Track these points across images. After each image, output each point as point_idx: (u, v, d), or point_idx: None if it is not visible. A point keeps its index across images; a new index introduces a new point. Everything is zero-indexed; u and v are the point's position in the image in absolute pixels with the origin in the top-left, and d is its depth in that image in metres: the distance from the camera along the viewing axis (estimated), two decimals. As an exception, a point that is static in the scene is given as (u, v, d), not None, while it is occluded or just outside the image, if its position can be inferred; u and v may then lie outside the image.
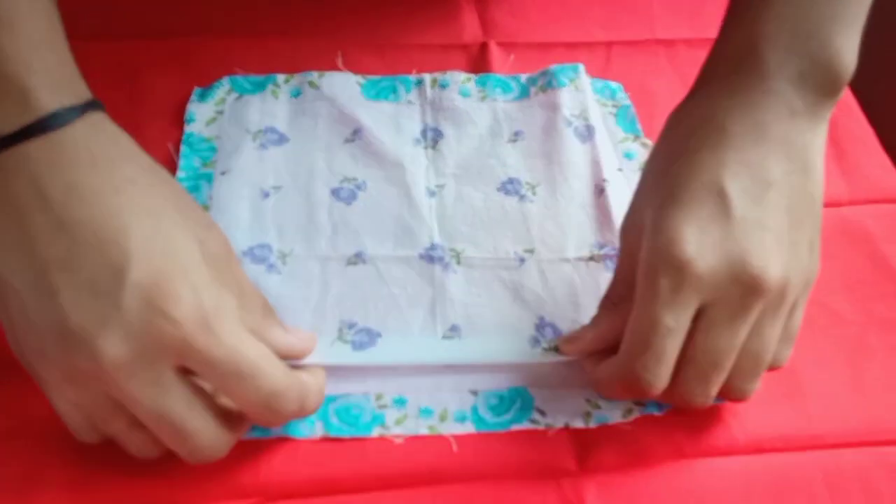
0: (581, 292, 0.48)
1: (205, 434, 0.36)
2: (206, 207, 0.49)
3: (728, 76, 0.42)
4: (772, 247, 0.39)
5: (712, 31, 0.64)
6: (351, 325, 0.46)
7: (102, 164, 0.36)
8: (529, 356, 0.45)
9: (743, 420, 0.44)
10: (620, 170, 0.54)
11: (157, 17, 0.61)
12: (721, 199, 0.39)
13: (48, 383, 0.36)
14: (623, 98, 0.59)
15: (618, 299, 0.44)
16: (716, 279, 0.38)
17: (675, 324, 0.38)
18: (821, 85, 0.41)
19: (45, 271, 0.34)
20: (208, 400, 0.37)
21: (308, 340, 0.41)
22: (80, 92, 0.37)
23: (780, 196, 0.40)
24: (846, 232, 0.52)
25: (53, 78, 0.36)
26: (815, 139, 0.42)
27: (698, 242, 0.38)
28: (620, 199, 0.52)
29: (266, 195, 0.51)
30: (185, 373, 0.36)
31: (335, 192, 0.51)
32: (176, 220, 0.37)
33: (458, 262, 0.49)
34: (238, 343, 0.36)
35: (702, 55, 0.62)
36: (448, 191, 0.52)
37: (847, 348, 0.48)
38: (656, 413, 0.44)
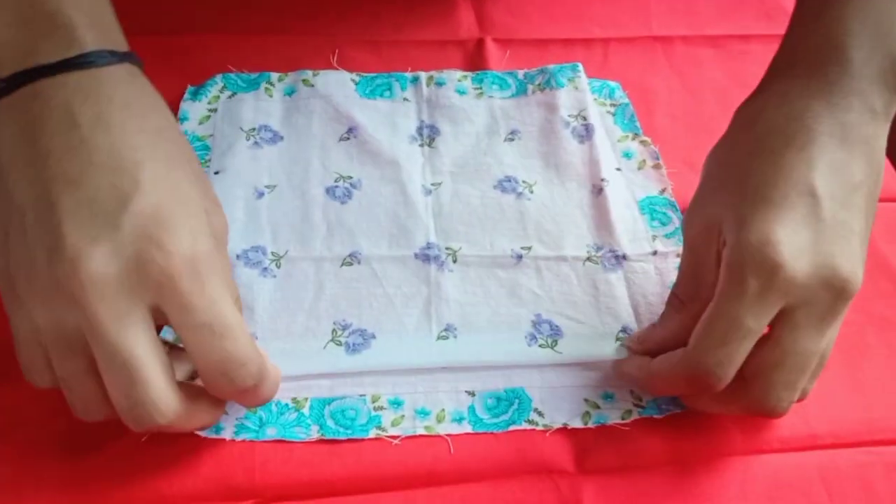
0: (578, 291, 0.48)
1: (155, 387, 0.34)
2: None
3: (810, 73, 0.41)
4: (857, 251, 0.39)
5: (708, 28, 0.64)
6: (345, 327, 0.46)
7: (134, 107, 0.37)
8: (526, 355, 0.45)
9: (740, 421, 0.44)
10: (619, 169, 0.54)
11: (151, 15, 0.60)
12: (812, 200, 0.38)
13: (20, 303, 0.35)
14: (621, 97, 0.59)
15: (686, 297, 0.43)
16: (806, 283, 0.37)
17: (756, 326, 0.38)
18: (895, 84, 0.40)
19: (51, 186, 0.34)
20: (166, 359, 0.35)
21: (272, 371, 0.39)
22: (120, 42, 0.39)
23: (862, 199, 0.39)
24: (844, 230, 0.52)
25: (98, 23, 0.38)
26: (884, 140, 0.41)
27: (791, 245, 0.37)
28: (619, 199, 0.52)
29: (260, 195, 0.50)
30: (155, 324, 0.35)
31: (330, 191, 0.51)
32: (190, 177, 0.38)
33: (455, 261, 0.49)
34: (219, 298, 0.35)
35: (698, 52, 0.63)
36: (444, 189, 0.52)
37: (845, 347, 0.47)
38: (655, 415, 0.44)
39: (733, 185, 0.41)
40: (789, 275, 0.37)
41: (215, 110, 0.55)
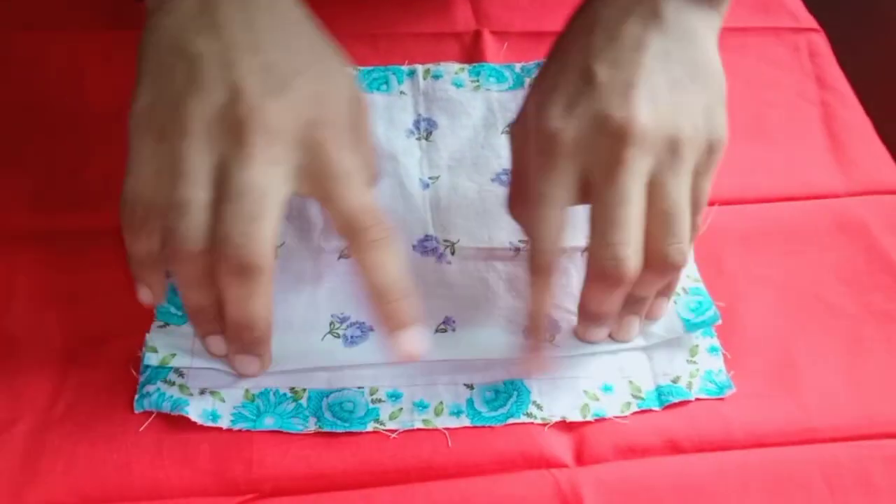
0: (577, 283, 0.47)
1: (268, 229, 0.37)
2: None
3: None
4: (639, 100, 0.39)
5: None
6: (343, 319, 0.45)
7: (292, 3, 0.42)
8: (524, 349, 0.45)
9: (740, 414, 0.44)
10: None
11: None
12: (586, 73, 0.40)
13: (157, 138, 0.38)
14: None
15: (522, 198, 0.44)
16: (585, 141, 0.39)
17: (554, 191, 0.40)
18: None
19: (231, 48, 0.38)
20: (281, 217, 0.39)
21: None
22: None
23: (653, 59, 0.41)
24: (843, 224, 0.52)
25: None
26: (695, 20, 0.43)
27: (564, 115, 0.40)
28: None
29: None
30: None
31: None
32: (339, 67, 0.42)
33: (453, 253, 0.48)
34: (353, 169, 0.39)
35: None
36: (442, 182, 0.52)
37: (844, 341, 0.47)
38: (655, 408, 0.44)
39: (533, 86, 0.44)
40: (565, 138, 0.39)
41: None
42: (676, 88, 0.41)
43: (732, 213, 0.52)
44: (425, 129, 0.54)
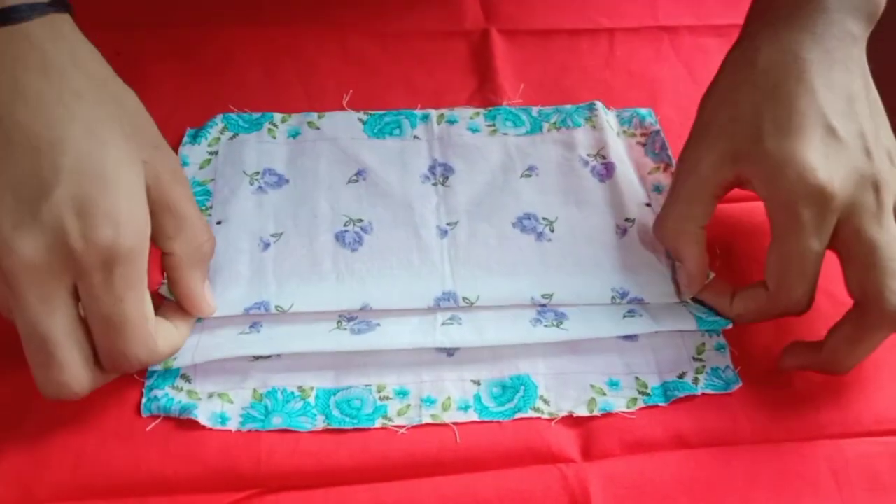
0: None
1: (70, 370, 0.37)
2: None
3: (791, 13, 0.45)
4: (871, 148, 0.43)
5: (715, 18, 0.64)
6: (350, 318, 0.46)
7: (53, 69, 0.36)
8: (531, 335, 0.45)
9: (747, 409, 0.44)
10: (649, 205, 0.52)
11: (157, 8, 0.60)
12: (824, 122, 0.42)
13: None
14: (652, 123, 0.56)
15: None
16: (846, 192, 0.41)
17: (821, 247, 0.42)
18: (867, 13, 0.45)
19: None
20: (83, 338, 0.37)
21: (209, 307, 0.43)
22: None
23: (862, 106, 0.44)
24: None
25: None
26: (864, 55, 0.46)
27: (825, 166, 0.41)
28: (646, 240, 0.50)
29: (266, 245, 0.48)
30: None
31: (339, 237, 0.49)
32: (118, 141, 0.37)
33: (471, 309, 0.47)
34: (125, 295, 0.37)
35: (705, 42, 0.62)
36: (461, 228, 0.50)
37: (852, 337, 0.47)
38: (661, 403, 0.44)
39: (745, 121, 0.44)
40: (834, 191, 0.41)
41: (216, 153, 0.53)
42: (877, 132, 0.44)
43: (740, 209, 0.51)
44: (441, 173, 0.52)
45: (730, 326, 0.46)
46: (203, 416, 0.42)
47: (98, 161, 0.36)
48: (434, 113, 0.55)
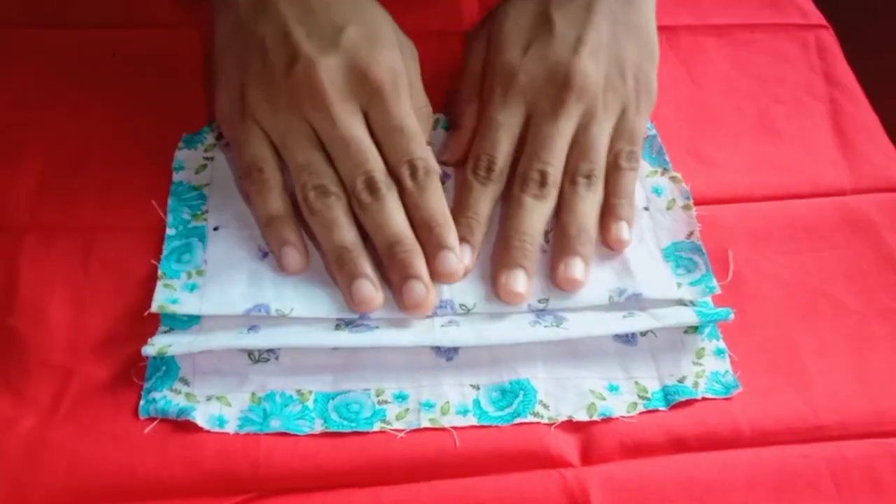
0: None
1: (378, 164, 0.45)
2: (200, 273, 0.46)
3: None
4: (585, 55, 0.49)
5: (714, 18, 0.64)
6: (349, 322, 0.45)
7: None
8: (530, 334, 0.45)
9: (747, 412, 0.44)
10: (647, 208, 0.51)
11: (155, 8, 0.60)
12: (546, 20, 0.50)
13: (254, 116, 0.46)
14: (649, 128, 0.55)
15: (469, 98, 0.52)
16: (536, 82, 0.49)
17: (508, 120, 0.49)
18: None
19: (285, 22, 0.47)
20: None
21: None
22: None
23: (600, 19, 0.50)
24: (850, 221, 0.52)
25: None
26: None
27: (521, 55, 0.50)
28: (642, 246, 0.49)
29: (265, 254, 0.47)
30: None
31: None
32: (382, 16, 0.50)
33: (467, 315, 0.46)
34: (410, 110, 0.47)
35: (704, 41, 0.63)
36: None
37: (851, 338, 0.47)
38: (661, 407, 0.44)
39: (496, 15, 0.53)
40: (522, 79, 0.49)
41: (212, 158, 0.52)
42: (614, 46, 0.50)
43: (739, 210, 0.51)
44: (440, 179, 0.51)
45: (731, 318, 0.46)
46: (201, 418, 0.42)
47: (372, 18, 0.49)
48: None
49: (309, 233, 0.47)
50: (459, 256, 0.45)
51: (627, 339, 0.46)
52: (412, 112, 0.47)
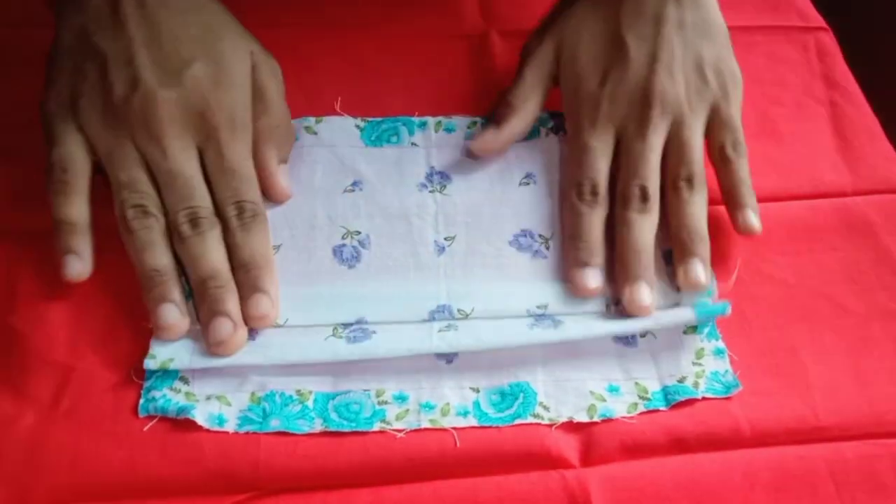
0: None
1: (205, 199, 0.45)
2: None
3: None
4: (661, 70, 0.49)
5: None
6: (345, 325, 0.45)
7: None
8: (528, 336, 0.45)
9: (747, 412, 0.44)
10: None
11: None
12: (619, 43, 0.51)
13: (76, 127, 0.45)
14: None
15: (520, 102, 0.52)
16: (619, 104, 0.49)
17: (599, 145, 0.49)
18: None
19: (130, 44, 0.46)
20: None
21: (285, 194, 0.50)
22: None
23: (669, 29, 0.51)
24: (850, 223, 0.52)
25: None
26: None
27: (602, 81, 0.50)
28: None
29: None
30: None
31: (337, 252, 0.48)
32: (233, 44, 0.49)
33: (466, 319, 0.47)
34: (245, 152, 0.47)
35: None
36: (458, 244, 0.49)
37: (851, 339, 0.47)
38: (661, 408, 0.44)
39: (564, 34, 0.53)
40: (602, 102, 0.50)
41: None
42: (689, 50, 0.50)
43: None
44: (439, 181, 0.52)
45: (728, 311, 0.45)
46: (200, 416, 0.42)
47: (220, 52, 0.47)
48: (431, 120, 0.55)
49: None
50: (273, 301, 0.45)
51: (627, 340, 0.46)
52: (249, 156, 0.47)
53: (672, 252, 0.48)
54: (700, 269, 0.46)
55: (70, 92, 0.46)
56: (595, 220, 0.48)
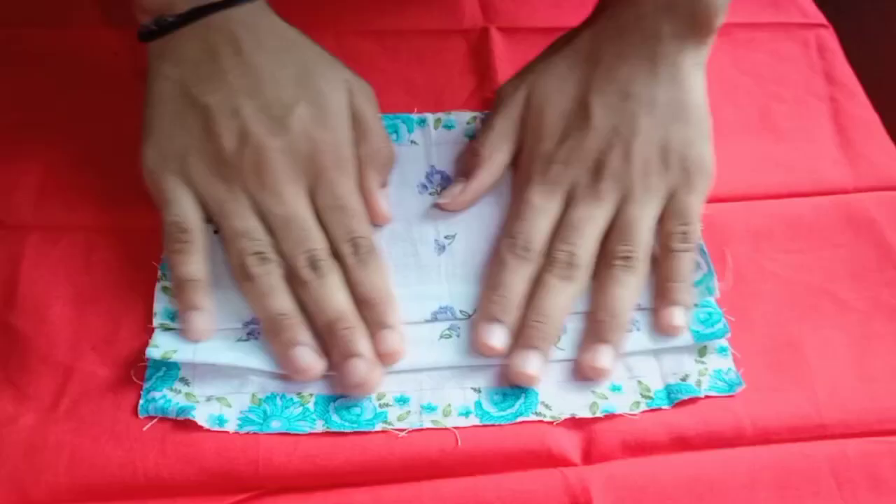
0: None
1: (320, 243, 0.45)
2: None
3: (607, 6, 0.52)
4: (618, 146, 0.48)
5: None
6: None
7: (277, 29, 0.49)
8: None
9: (749, 410, 0.44)
10: None
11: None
12: (583, 108, 0.49)
13: (185, 182, 0.46)
14: None
15: (489, 152, 0.50)
16: (573, 169, 0.48)
17: (545, 205, 0.48)
18: (686, 14, 0.49)
19: (234, 95, 0.46)
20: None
21: (387, 216, 0.49)
22: None
23: (637, 106, 0.48)
24: (851, 219, 0.52)
25: None
26: (682, 58, 0.49)
27: (560, 143, 0.49)
28: None
29: None
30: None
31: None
32: (328, 78, 0.48)
33: (468, 320, 0.46)
34: (354, 188, 0.47)
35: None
36: (458, 243, 0.49)
37: (853, 336, 0.47)
38: (665, 405, 0.44)
39: (532, 95, 0.51)
40: (555, 164, 0.48)
41: None
42: (656, 131, 0.48)
43: (740, 209, 0.51)
44: (440, 182, 0.52)
45: (727, 336, 0.46)
46: (201, 417, 0.42)
47: (318, 90, 0.47)
48: (431, 117, 0.54)
49: None
50: (401, 335, 0.44)
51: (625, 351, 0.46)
52: (356, 190, 0.47)
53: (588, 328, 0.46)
54: (607, 357, 0.44)
55: (174, 146, 0.46)
56: (519, 276, 0.46)
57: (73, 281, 0.46)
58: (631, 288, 0.46)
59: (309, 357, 0.42)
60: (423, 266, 0.48)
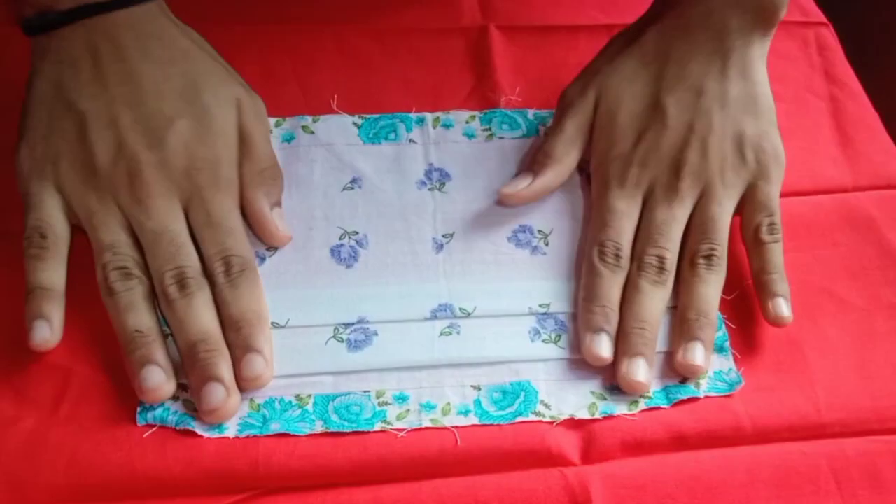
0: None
1: (192, 258, 0.44)
2: None
3: (672, 4, 0.51)
4: (696, 143, 0.48)
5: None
6: (347, 325, 0.45)
7: (166, 37, 0.47)
8: (528, 350, 0.45)
9: (749, 409, 0.44)
10: None
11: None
12: (658, 110, 0.49)
13: (51, 188, 0.44)
14: None
15: (558, 156, 0.50)
16: (651, 172, 0.48)
17: (626, 208, 0.48)
18: (753, 8, 0.49)
19: (112, 103, 0.45)
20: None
21: (283, 237, 0.48)
22: None
23: (711, 101, 0.49)
24: (851, 218, 0.52)
25: None
26: (750, 52, 0.50)
27: (636, 143, 0.49)
28: None
29: (262, 260, 0.47)
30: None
31: (335, 252, 0.48)
32: (216, 91, 0.47)
33: (468, 318, 0.46)
34: (231, 208, 0.46)
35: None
36: (457, 241, 0.49)
37: (853, 335, 0.47)
38: (664, 405, 0.43)
39: (601, 93, 0.51)
40: (632, 166, 0.48)
41: None
42: (730, 125, 0.49)
43: (740, 207, 0.51)
44: (438, 179, 0.52)
45: (741, 385, 0.45)
46: (199, 426, 0.41)
47: (204, 104, 0.46)
48: (429, 116, 0.54)
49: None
50: (268, 360, 0.43)
51: None
52: (234, 209, 0.46)
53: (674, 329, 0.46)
54: (700, 354, 0.44)
55: (47, 150, 0.44)
56: (614, 285, 0.46)
57: (73, 283, 0.45)
58: (716, 285, 0.46)
59: (158, 377, 0.41)
60: (420, 265, 0.48)
